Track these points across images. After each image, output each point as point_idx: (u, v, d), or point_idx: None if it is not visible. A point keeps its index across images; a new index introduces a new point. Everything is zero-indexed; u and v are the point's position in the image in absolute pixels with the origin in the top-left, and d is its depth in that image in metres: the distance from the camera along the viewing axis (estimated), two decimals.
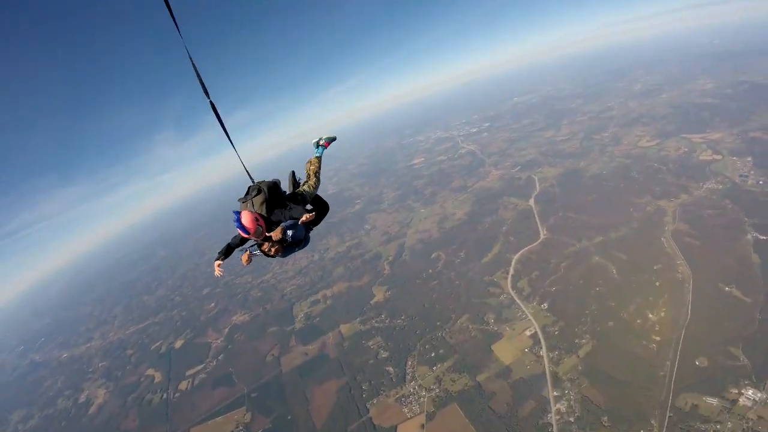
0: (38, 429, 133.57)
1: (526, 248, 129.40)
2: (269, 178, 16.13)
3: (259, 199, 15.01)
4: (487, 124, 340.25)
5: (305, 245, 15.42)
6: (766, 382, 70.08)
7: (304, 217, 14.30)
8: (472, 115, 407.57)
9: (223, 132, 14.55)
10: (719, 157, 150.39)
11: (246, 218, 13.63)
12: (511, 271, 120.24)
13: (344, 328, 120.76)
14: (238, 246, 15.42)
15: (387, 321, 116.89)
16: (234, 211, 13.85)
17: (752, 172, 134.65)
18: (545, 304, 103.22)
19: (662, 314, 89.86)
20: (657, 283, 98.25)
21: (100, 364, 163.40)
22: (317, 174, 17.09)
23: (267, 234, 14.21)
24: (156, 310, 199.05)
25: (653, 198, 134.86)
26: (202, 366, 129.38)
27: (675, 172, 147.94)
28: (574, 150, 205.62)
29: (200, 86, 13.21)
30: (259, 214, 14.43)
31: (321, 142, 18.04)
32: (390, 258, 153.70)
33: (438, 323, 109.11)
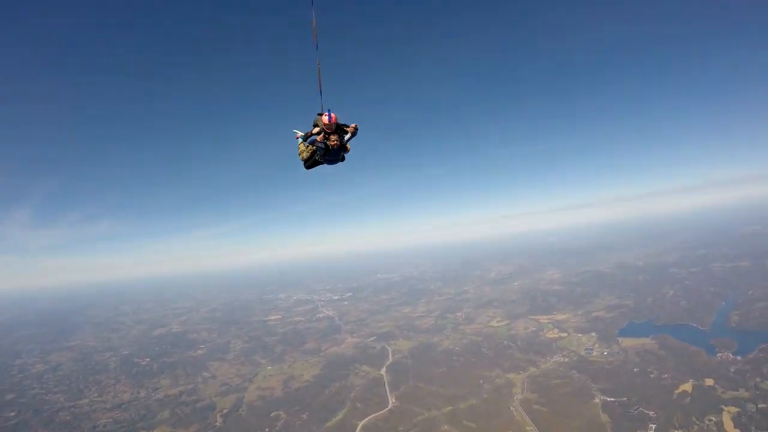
0: None
1: (374, 415, 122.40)
2: None
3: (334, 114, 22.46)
4: (349, 294, 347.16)
5: (341, 161, 23.47)
6: None
7: (353, 127, 22.47)
8: (337, 284, 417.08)
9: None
10: (565, 334, 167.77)
11: (333, 114, 21.69)
12: None
13: None
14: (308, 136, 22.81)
15: None
16: (328, 109, 21.71)
17: (596, 345, 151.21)
18: None
19: None
20: None
21: None
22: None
23: (339, 129, 22.30)
24: None
25: (502, 371, 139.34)
26: None
27: (523, 349, 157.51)
28: (428, 326, 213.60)
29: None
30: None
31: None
32: (225, 410, 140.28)
33: None
